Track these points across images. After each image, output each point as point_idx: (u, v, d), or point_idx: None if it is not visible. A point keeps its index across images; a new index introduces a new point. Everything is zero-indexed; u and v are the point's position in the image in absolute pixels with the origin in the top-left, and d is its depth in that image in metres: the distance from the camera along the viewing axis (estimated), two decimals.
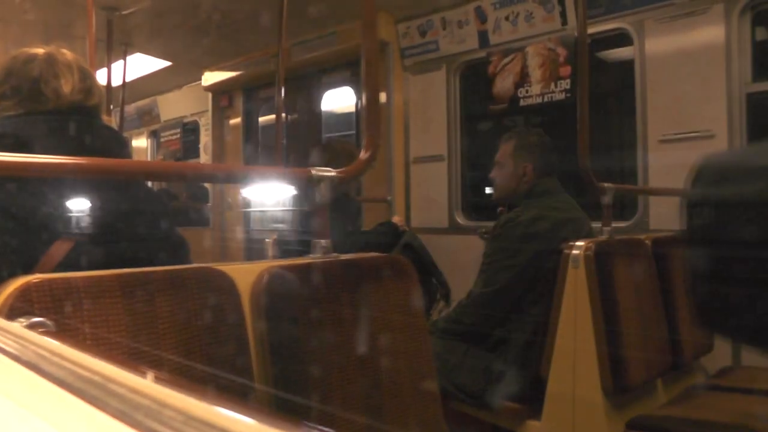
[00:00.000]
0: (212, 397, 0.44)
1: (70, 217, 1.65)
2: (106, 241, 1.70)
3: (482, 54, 4.80)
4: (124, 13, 5.07)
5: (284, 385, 1.60)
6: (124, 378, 0.49)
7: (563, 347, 2.66)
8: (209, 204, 7.29)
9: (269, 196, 5.99)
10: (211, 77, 6.88)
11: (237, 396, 1.49)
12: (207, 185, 7.36)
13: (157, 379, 0.51)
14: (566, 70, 4.33)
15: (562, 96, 4.35)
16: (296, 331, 1.65)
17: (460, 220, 4.97)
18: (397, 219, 4.39)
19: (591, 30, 3.94)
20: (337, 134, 6.25)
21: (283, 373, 1.60)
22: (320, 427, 1.57)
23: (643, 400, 2.81)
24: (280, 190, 4.59)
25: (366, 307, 1.84)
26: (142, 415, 0.42)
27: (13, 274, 1.27)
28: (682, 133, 3.68)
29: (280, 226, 6.13)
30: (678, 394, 2.96)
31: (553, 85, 4.41)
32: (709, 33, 3.60)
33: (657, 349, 2.87)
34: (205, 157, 7.34)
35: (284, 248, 3.94)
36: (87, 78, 1.87)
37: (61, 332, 1.21)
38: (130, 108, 8.14)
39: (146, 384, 0.48)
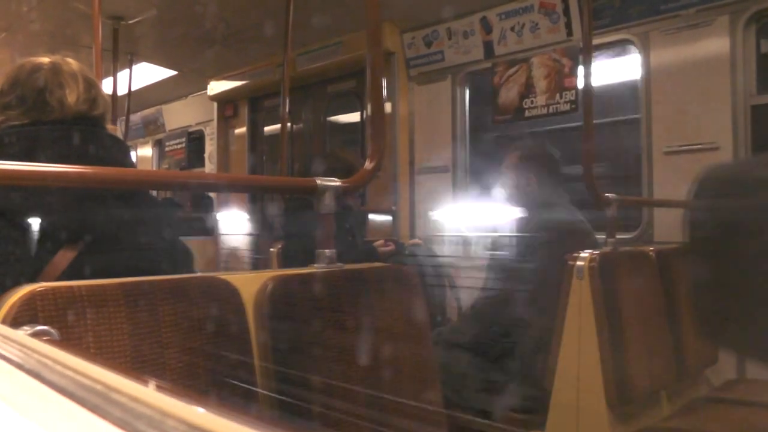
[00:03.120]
0: (215, 407, 0.44)
1: (74, 226, 1.65)
2: (110, 251, 1.71)
3: (487, 64, 4.80)
4: (130, 22, 5.09)
5: (288, 395, 1.60)
6: (127, 387, 0.49)
7: (567, 358, 2.66)
8: (214, 213, 7.29)
9: None
10: (216, 86, 6.90)
11: (240, 405, 1.49)
12: (212, 195, 7.37)
13: (160, 388, 0.51)
14: (571, 81, 4.33)
15: (567, 107, 4.35)
16: (300, 341, 1.65)
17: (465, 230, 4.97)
18: None
19: (596, 41, 3.95)
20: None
21: (286, 382, 1.60)
22: None
23: (647, 412, 2.80)
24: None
25: (370, 317, 1.84)
26: (144, 425, 0.42)
27: (17, 283, 1.27)
28: (686, 145, 3.68)
29: None
30: (682, 406, 2.95)
31: (558, 96, 4.41)
32: (714, 45, 3.60)
33: (661, 361, 2.86)
34: (210, 167, 7.36)
35: None
36: (92, 88, 1.87)
37: (65, 340, 1.21)
38: (136, 117, 8.16)
39: (149, 393, 0.48)
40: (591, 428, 2.60)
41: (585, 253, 2.67)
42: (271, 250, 3.86)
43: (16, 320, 1.19)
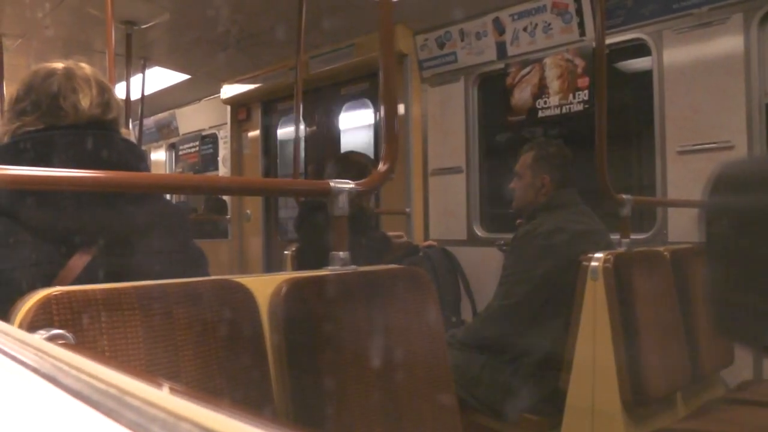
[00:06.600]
0: (230, 410, 0.44)
1: (89, 230, 1.65)
2: (124, 254, 1.71)
3: (500, 65, 4.80)
4: (142, 27, 5.11)
5: (302, 397, 1.60)
6: (142, 390, 0.49)
7: (582, 359, 2.65)
8: (228, 216, 7.32)
9: None
10: (229, 90, 6.91)
11: (255, 408, 1.49)
12: (225, 198, 7.40)
13: (175, 392, 0.51)
14: (584, 81, 4.32)
15: (581, 107, 4.34)
16: (314, 343, 1.65)
17: (479, 231, 4.96)
18: None
19: (609, 41, 3.93)
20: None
21: (300, 384, 1.60)
22: None
23: (663, 413, 2.79)
24: None
25: (383, 319, 1.84)
26: (158, 428, 0.42)
27: (33, 287, 1.28)
28: (700, 144, 3.66)
29: None
30: (698, 407, 2.94)
31: (571, 96, 4.40)
32: (728, 43, 3.58)
33: (676, 362, 2.85)
34: (223, 170, 7.38)
35: None
36: (105, 92, 1.88)
37: (80, 344, 1.22)
38: (149, 121, 8.19)
39: (163, 396, 0.48)
40: (606, 429, 2.59)
41: (599, 254, 2.66)
42: (285, 252, 3.86)
43: (32, 324, 1.20)
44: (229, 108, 7.15)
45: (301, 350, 1.62)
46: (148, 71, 6.29)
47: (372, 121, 5.88)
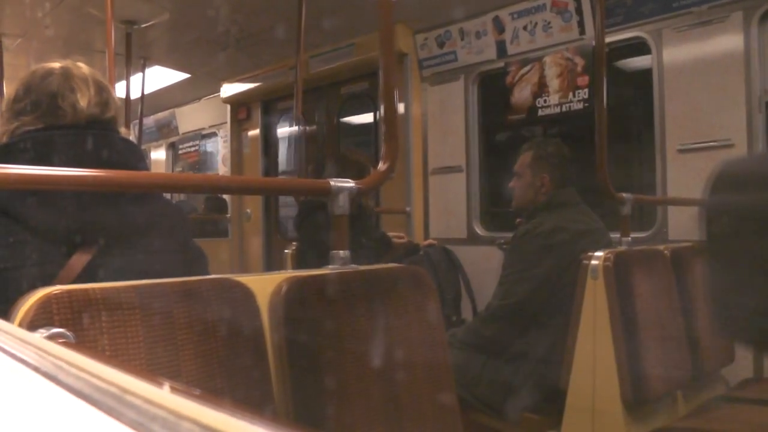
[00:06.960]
0: (230, 409, 0.44)
1: (89, 229, 1.65)
2: (124, 253, 1.71)
3: (500, 64, 4.80)
4: (142, 26, 5.11)
5: (303, 396, 1.60)
6: (142, 389, 0.49)
7: (582, 358, 2.65)
8: (228, 215, 7.32)
9: None
10: (229, 89, 6.91)
11: (255, 407, 1.49)
12: (226, 197, 7.40)
13: (175, 390, 0.51)
14: (584, 80, 4.32)
15: (580, 106, 4.34)
16: (315, 342, 1.65)
17: (479, 230, 4.96)
18: None
19: (609, 39, 3.93)
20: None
21: (301, 384, 1.60)
22: None
23: (663, 412, 2.79)
24: None
25: (384, 318, 1.84)
26: (159, 426, 0.42)
27: (33, 287, 1.28)
28: (700, 143, 3.66)
29: None
30: (698, 406, 2.94)
31: (571, 95, 4.40)
32: (728, 41, 3.58)
33: (677, 361, 2.85)
34: (223, 169, 7.38)
35: None
36: (103, 91, 1.88)
37: (80, 343, 1.22)
38: (149, 120, 8.19)
39: (164, 395, 0.48)
40: (606, 428, 2.59)
41: (599, 253, 2.66)
42: (286, 251, 3.86)
43: (32, 323, 1.20)
44: (228, 107, 7.14)
45: (302, 349, 1.62)
46: (147, 70, 6.29)
47: (372, 119, 5.87)
